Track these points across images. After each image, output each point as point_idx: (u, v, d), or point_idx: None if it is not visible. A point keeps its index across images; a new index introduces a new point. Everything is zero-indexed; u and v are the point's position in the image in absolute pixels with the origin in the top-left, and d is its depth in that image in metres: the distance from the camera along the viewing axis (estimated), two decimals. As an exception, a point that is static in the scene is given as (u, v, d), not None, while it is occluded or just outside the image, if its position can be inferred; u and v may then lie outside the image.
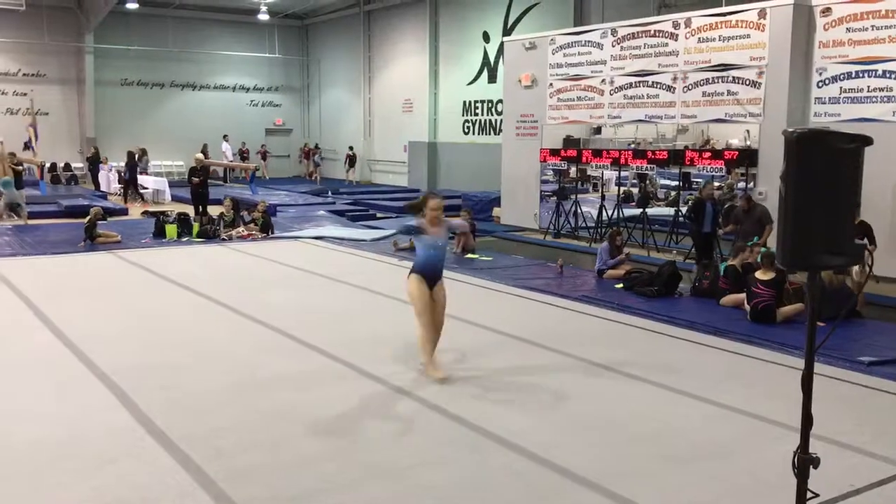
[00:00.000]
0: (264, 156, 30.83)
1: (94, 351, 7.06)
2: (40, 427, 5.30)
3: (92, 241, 13.57)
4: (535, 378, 6.57)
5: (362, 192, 24.47)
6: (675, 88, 13.96)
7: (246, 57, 31.59)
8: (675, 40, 13.93)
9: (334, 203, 21.21)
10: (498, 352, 7.43)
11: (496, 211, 18.39)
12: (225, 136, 28.84)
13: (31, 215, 16.91)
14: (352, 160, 29.04)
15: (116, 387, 6.13)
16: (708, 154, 13.46)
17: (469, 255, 12.88)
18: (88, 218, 13.98)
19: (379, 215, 19.49)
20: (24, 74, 27.66)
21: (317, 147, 31.36)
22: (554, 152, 16.04)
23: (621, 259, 11.16)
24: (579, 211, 15.68)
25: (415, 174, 26.64)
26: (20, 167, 17.62)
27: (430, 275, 6.57)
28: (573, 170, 16.28)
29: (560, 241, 15.35)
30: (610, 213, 14.91)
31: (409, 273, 6.64)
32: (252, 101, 32.33)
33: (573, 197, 15.94)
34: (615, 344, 7.76)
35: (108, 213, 17.18)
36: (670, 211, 14.82)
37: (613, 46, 15.10)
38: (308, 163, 31.46)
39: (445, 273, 6.90)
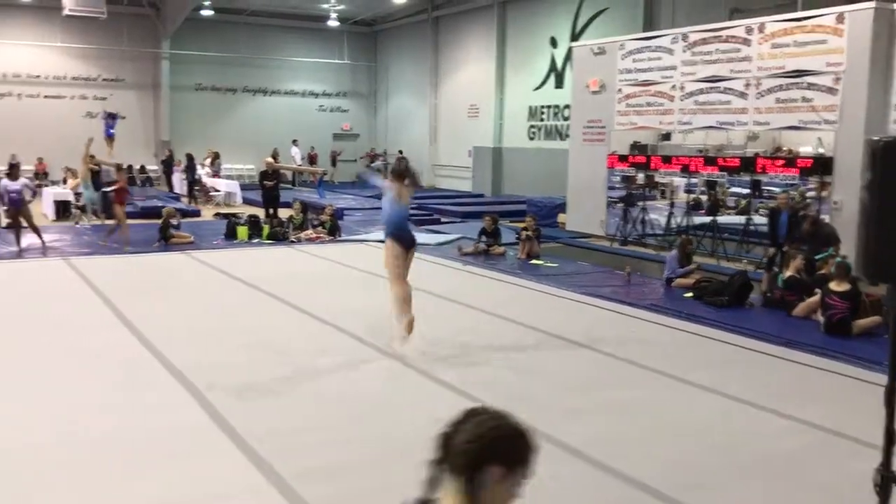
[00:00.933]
0: (334, 160, 31.25)
1: (167, 348, 7.27)
2: (115, 421, 5.48)
3: (166, 241, 13.97)
4: (603, 387, 6.52)
5: (427, 197, 24.60)
6: (747, 95, 13.67)
7: (316, 63, 32.11)
8: (748, 46, 13.65)
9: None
10: (565, 359, 7.39)
11: (561, 217, 18.27)
12: (294, 141, 29.34)
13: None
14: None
15: (189, 383, 6.29)
16: (781, 161, 13.15)
17: (534, 261, 12.83)
18: (162, 219, 14.41)
19: (443, 220, 19.56)
20: (103, 80, 28.64)
21: (385, 153, 31.66)
22: (622, 158, 15.88)
23: (692, 269, 10.99)
24: (647, 218, 15.49)
25: (479, 179, 26.67)
26: (98, 168, 18.24)
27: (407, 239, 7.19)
28: (640, 176, 16.09)
29: (627, 249, 15.16)
30: (678, 220, 14.68)
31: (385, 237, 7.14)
32: (321, 106, 32.83)
33: (640, 203, 15.75)
34: (684, 354, 7.65)
35: (182, 214, 17.63)
36: (741, 219, 14.51)
37: (684, 52, 14.87)
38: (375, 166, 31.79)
39: (509, 279, 6.92)
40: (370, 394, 6.19)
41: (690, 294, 10.20)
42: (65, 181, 19.87)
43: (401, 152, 29.95)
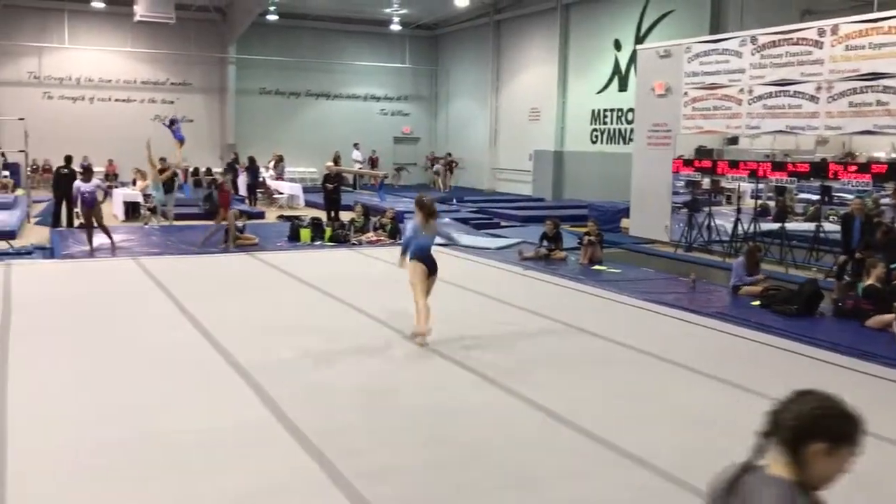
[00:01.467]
0: (399, 168, 31.80)
1: (232, 347, 7.38)
2: (183, 418, 5.58)
3: (231, 243, 14.21)
4: (668, 396, 6.39)
5: (486, 201, 24.57)
6: (818, 98, 13.29)
7: (377, 67, 32.37)
8: (820, 48, 13.27)
9: (459, 211, 21.38)
10: (628, 366, 7.28)
11: (624, 222, 18.05)
12: (355, 145, 29.62)
13: (175, 217, 17.88)
14: (450, 166, 30.04)
15: (254, 381, 6.37)
16: (853, 167, 12.75)
17: (596, 267, 12.68)
18: (228, 222, 14.65)
19: (503, 224, 19.51)
20: (171, 83, 29.37)
21: (448, 155, 31.78)
22: (687, 163, 15.60)
23: (760, 278, 10.72)
24: (712, 224, 15.18)
25: (540, 183, 26.53)
26: (174, 173, 18.79)
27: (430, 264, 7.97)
28: (706, 181, 15.78)
29: (692, 255, 14.89)
30: (745, 226, 14.35)
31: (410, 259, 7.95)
32: (382, 109, 33.08)
33: (706, 209, 15.45)
34: (752, 363, 7.45)
35: (247, 216, 17.93)
36: (811, 226, 14.11)
37: (753, 55, 14.54)
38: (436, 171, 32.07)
39: (571, 284, 6.86)
40: (432, 398, 6.18)
41: (758, 302, 9.95)
42: (134, 183, 20.39)
43: (449, 155, 30.27)
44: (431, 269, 8.00)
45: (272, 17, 28.36)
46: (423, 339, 7.67)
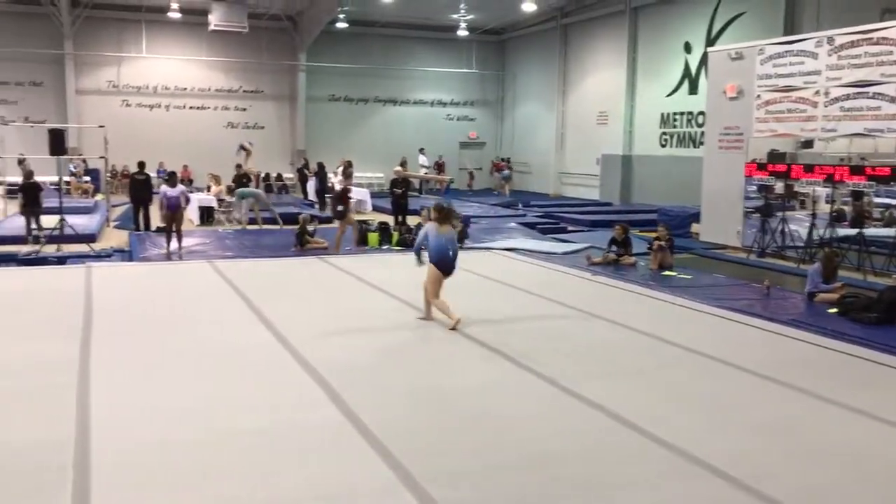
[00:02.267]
0: (472, 175, 32.28)
1: (304, 348, 7.51)
2: (259, 417, 5.70)
3: (301, 246, 14.48)
4: (743, 404, 6.25)
5: (553, 205, 24.45)
6: (900, 99, 12.86)
7: (444, 72, 32.54)
8: (902, 47, 12.84)
9: (525, 215, 21.32)
10: (699, 373, 7.15)
11: (695, 227, 17.74)
12: (421, 150, 29.82)
13: (250, 221, 18.30)
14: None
15: (326, 383, 6.48)
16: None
17: (666, 273, 12.49)
18: (299, 225, 14.96)
19: (570, 228, 19.38)
20: (244, 91, 30.06)
21: (507, 161, 31.75)
22: (761, 167, 15.24)
23: (837, 285, 10.41)
24: (786, 229, 14.80)
25: (607, 187, 26.29)
26: (248, 177, 19.48)
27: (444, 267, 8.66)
28: (779, 185, 15.39)
29: (765, 261, 14.54)
30: (821, 232, 13.95)
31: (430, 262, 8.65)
32: (448, 115, 33.24)
33: (779, 214, 15.06)
34: (831, 373, 7.24)
35: (317, 221, 18.22)
36: (890, 231, 13.65)
37: (829, 56, 14.14)
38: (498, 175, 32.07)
39: (641, 290, 6.81)
40: (503, 403, 6.18)
41: (835, 310, 9.66)
42: (208, 188, 20.95)
43: (502, 159, 30.22)
44: (447, 271, 8.70)
45: (341, 25, 28.78)
46: (458, 324, 8.37)
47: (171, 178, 14.76)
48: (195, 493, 4.51)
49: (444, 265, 8.66)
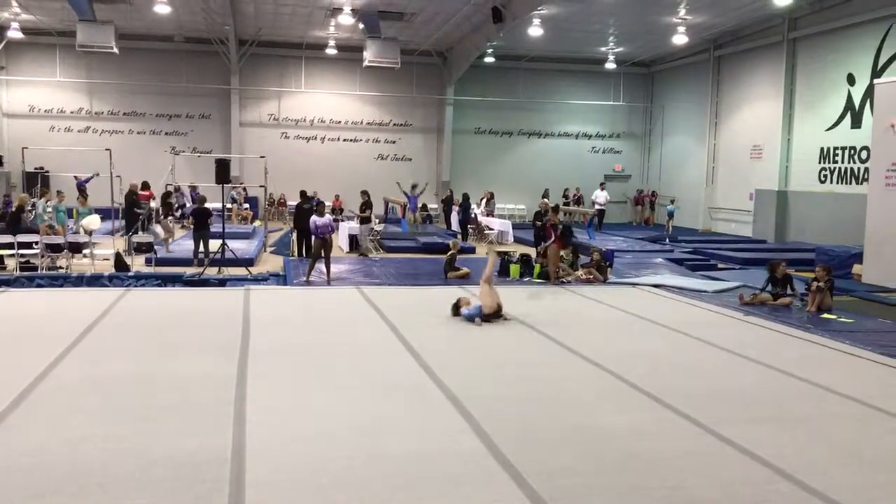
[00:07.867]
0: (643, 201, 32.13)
1: (447, 377, 7.59)
2: (405, 442, 5.79)
3: (445, 275, 14.70)
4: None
5: (703, 241, 23.67)
6: None
7: (590, 105, 32.40)
8: None
9: (672, 251, 20.75)
10: (865, 429, 6.67)
11: (857, 268, 16.70)
12: (602, 185, 29.70)
13: (393, 250, 18.78)
14: (651, 203, 30.47)
15: (468, 413, 6.50)
16: None
17: (825, 315, 11.80)
18: (448, 253, 15.22)
19: (720, 266, 18.68)
20: (394, 124, 31.05)
21: (654, 194, 31.14)
22: (933, 205, 14.21)
23: None
24: (963, 273, 13.69)
25: (761, 224, 25.22)
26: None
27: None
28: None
29: (937, 307, 13.49)
30: None
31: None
32: (593, 147, 33.01)
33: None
34: None
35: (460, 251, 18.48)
36: None
37: None
38: (643, 209, 31.47)
39: (798, 333, 6.45)
40: (655, 447, 5.99)
41: None
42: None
43: (640, 191, 29.56)
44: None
45: (489, 60, 29.25)
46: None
47: (318, 208, 15.36)
48: (343, 514, 4.62)
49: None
